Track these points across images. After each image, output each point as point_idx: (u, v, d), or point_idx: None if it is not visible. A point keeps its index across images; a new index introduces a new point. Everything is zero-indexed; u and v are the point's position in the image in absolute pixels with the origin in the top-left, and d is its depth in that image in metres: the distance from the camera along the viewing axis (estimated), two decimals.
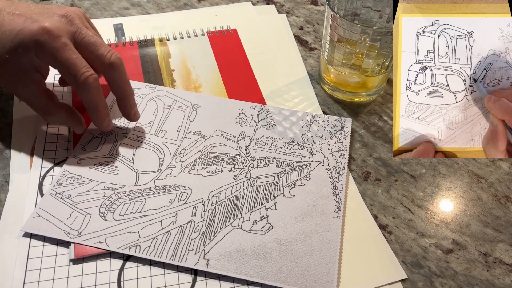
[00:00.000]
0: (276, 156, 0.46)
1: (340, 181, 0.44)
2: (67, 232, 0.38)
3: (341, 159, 0.46)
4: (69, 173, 0.43)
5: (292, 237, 0.40)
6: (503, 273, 0.39)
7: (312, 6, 0.67)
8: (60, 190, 0.41)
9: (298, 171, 0.45)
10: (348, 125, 0.49)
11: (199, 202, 0.41)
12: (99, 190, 0.42)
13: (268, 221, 0.40)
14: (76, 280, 0.36)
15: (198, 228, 0.40)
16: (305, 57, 0.58)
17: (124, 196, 0.41)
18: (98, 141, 0.46)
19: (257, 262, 0.38)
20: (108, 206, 0.40)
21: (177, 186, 0.42)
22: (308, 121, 0.49)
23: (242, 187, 0.43)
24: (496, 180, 0.46)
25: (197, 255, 0.38)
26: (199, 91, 0.53)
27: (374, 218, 0.42)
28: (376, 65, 0.49)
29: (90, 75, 0.40)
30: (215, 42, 0.59)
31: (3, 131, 0.47)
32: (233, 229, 0.40)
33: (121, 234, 0.39)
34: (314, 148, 0.47)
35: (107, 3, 0.65)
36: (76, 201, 0.41)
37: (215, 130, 0.48)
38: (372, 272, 0.38)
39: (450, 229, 0.42)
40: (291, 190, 0.43)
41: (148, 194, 0.42)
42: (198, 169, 0.44)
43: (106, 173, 0.43)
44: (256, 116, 0.50)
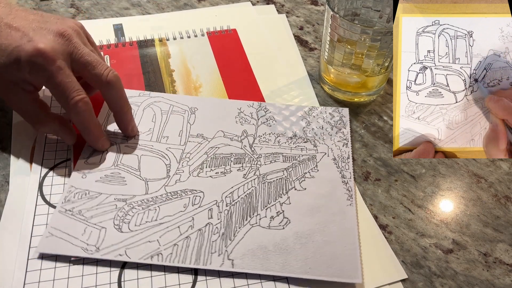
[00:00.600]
0: (282, 151, 0.46)
1: (347, 170, 0.45)
2: (85, 248, 0.37)
3: (345, 148, 0.47)
4: (75, 189, 0.42)
5: (311, 228, 0.40)
6: (503, 273, 0.39)
7: (312, 6, 0.67)
8: (69, 206, 0.40)
9: (305, 164, 0.45)
10: (346, 115, 0.50)
11: (213, 204, 0.41)
12: (110, 202, 0.41)
13: (285, 216, 0.41)
14: (76, 280, 0.36)
15: (217, 230, 0.39)
16: (305, 57, 0.58)
17: (136, 206, 0.41)
18: (100, 153, 0.45)
19: (281, 257, 0.38)
20: (122, 218, 0.40)
21: (189, 191, 0.42)
22: (306, 113, 0.50)
23: (254, 184, 0.43)
24: (496, 180, 0.46)
25: (220, 256, 0.38)
26: (199, 91, 0.53)
27: (374, 218, 0.42)
28: (376, 65, 0.49)
29: (80, 99, 0.40)
30: (215, 42, 0.59)
31: (3, 131, 0.47)
32: (251, 227, 0.40)
33: (141, 244, 0.38)
34: (317, 140, 0.47)
35: (107, 3, 0.65)
36: (87, 216, 0.40)
37: (217, 131, 0.48)
38: (372, 272, 0.38)
39: (450, 229, 0.42)
40: (302, 183, 0.43)
41: (160, 201, 0.41)
42: (206, 172, 0.44)
43: (114, 184, 0.42)
44: (256, 114, 0.50)
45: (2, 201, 0.42)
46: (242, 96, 0.52)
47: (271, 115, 0.50)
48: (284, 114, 0.50)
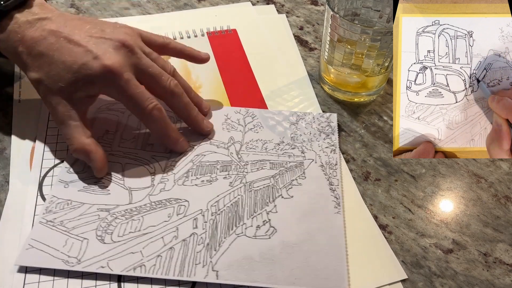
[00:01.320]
0: (269, 158, 0.46)
1: (335, 177, 0.44)
2: (65, 260, 0.37)
3: (333, 155, 0.46)
4: (57, 199, 0.41)
5: (298, 238, 0.39)
6: (503, 273, 0.39)
7: (312, 6, 0.67)
8: (51, 217, 0.39)
9: (292, 171, 0.44)
10: (334, 120, 0.49)
11: (198, 214, 0.41)
12: (92, 212, 0.40)
13: (271, 225, 0.40)
14: (76, 281, 0.36)
15: (201, 240, 0.39)
16: (305, 57, 0.58)
17: (120, 216, 0.40)
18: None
19: (267, 267, 0.37)
20: (105, 228, 0.39)
21: (173, 200, 0.41)
22: (294, 120, 0.49)
23: (240, 193, 0.42)
24: (496, 180, 0.46)
25: (205, 268, 0.37)
26: (199, 92, 0.53)
27: (374, 218, 0.42)
28: (376, 65, 0.49)
29: (153, 106, 0.42)
30: (215, 42, 0.59)
31: (3, 131, 0.47)
32: (237, 237, 0.39)
33: (123, 255, 0.37)
34: (305, 146, 0.47)
35: (107, 3, 0.65)
36: (69, 227, 0.39)
37: (203, 138, 0.47)
38: (373, 272, 0.38)
39: (450, 229, 0.42)
40: (289, 190, 0.43)
41: (144, 211, 0.40)
42: (192, 180, 0.43)
43: (97, 194, 0.41)
44: (243, 120, 0.49)
45: (2, 201, 0.42)
46: (242, 96, 0.52)
47: (258, 121, 0.49)
48: (272, 120, 0.49)
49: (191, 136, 0.47)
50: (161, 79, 0.43)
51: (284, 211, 0.41)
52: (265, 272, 0.37)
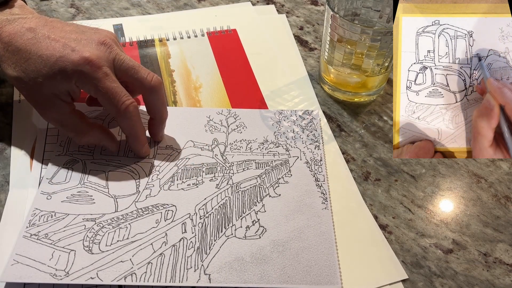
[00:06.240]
0: (254, 157, 0.45)
1: (321, 173, 0.44)
2: (53, 274, 0.35)
3: (317, 151, 0.46)
4: (40, 211, 0.39)
5: (287, 236, 0.39)
6: (503, 273, 0.39)
7: (312, 6, 0.67)
8: (35, 230, 0.38)
9: (278, 170, 0.44)
10: (317, 116, 0.50)
11: (186, 218, 0.40)
12: (78, 223, 0.39)
13: (261, 224, 0.40)
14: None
15: (191, 244, 0.38)
16: (305, 57, 0.58)
17: (106, 225, 0.39)
18: (65, 172, 0.43)
19: (258, 267, 0.37)
20: (92, 238, 0.38)
21: (160, 205, 0.41)
22: (277, 118, 0.49)
23: (227, 194, 0.42)
24: (496, 180, 0.46)
25: (197, 272, 0.37)
26: (199, 92, 0.53)
27: (374, 218, 0.42)
28: (376, 65, 0.49)
29: (130, 103, 0.41)
30: (215, 42, 0.59)
31: (3, 131, 0.47)
32: (227, 239, 0.39)
33: (113, 265, 0.36)
34: (289, 144, 0.47)
35: (107, 3, 0.65)
36: (55, 239, 0.38)
37: (187, 141, 0.46)
38: (373, 272, 0.38)
39: (450, 229, 0.42)
40: (276, 189, 0.43)
41: (131, 218, 0.40)
42: (178, 184, 0.43)
43: (81, 204, 0.40)
44: (225, 121, 0.49)
45: (2, 201, 0.42)
46: (242, 97, 0.52)
47: (241, 121, 0.49)
48: (254, 120, 0.49)
49: (173, 140, 0.47)
50: (139, 71, 0.42)
51: (273, 210, 0.41)
52: (257, 272, 0.37)
